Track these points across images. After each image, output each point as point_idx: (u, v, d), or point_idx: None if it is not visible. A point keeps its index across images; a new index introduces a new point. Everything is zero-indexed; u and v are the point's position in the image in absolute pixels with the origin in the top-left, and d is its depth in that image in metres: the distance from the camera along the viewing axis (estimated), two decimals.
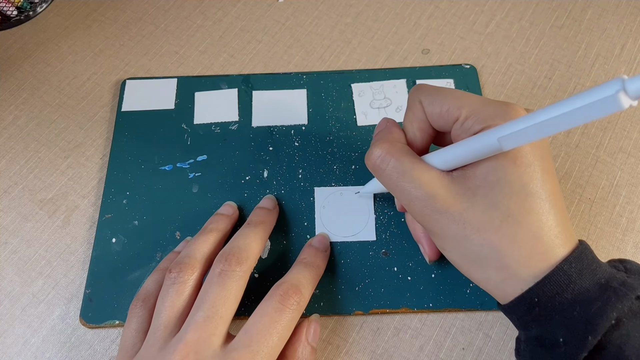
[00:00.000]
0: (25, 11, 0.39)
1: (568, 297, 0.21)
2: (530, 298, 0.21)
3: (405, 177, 0.23)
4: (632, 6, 0.41)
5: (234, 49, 0.41)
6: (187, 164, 0.35)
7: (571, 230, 0.23)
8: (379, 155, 0.24)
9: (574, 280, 0.21)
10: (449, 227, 0.22)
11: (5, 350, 0.30)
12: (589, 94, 0.16)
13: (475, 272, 0.23)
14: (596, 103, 0.16)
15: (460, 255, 0.23)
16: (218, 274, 0.25)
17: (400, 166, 0.23)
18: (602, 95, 0.16)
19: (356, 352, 0.29)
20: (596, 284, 0.21)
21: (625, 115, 0.36)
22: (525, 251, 0.21)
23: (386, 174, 0.24)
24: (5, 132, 0.37)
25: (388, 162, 0.24)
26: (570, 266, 0.21)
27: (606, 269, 0.22)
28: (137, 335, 0.25)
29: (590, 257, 0.22)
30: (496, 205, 0.22)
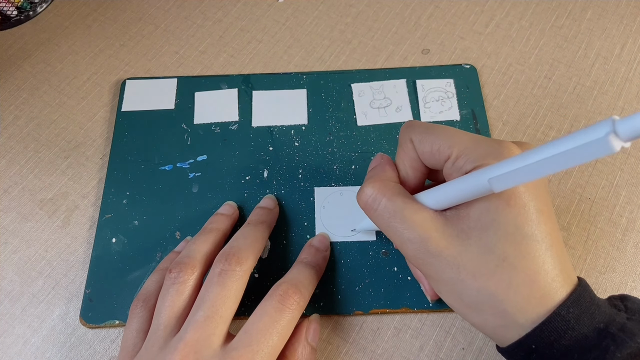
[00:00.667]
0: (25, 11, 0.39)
1: (566, 344, 0.20)
2: (527, 344, 0.21)
3: (397, 218, 0.23)
4: (632, 6, 0.41)
5: (234, 49, 0.41)
6: (187, 164, 0.35)
7: (569, 269, 0.22)
8: (370, 195, 0.24)
9: (571, 326, 0.20)
10: (444, 271, 0.22)
11: (5, 350, 0.30)
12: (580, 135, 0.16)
13: (472, 316, 0.23)
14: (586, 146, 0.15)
15: (456, 299, 0.23)
16: (218, 273, 0.25)
17: (392, 206, 0.23)
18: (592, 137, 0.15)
19: (356, 352, 0.29)
20: (594, 329, 0.20)
21: (625, 115, 0.36)
22: (522, 297, 0.21)
23: (378, 213, 0.24)
24: (5, 132, 0.37)
25: (379, 201, 0.23)
26: (568, 311, 0.20)
27: (605, 311, 0.21)
28: (137, 335, 0.25)
29: (588, 299, 0.21)
30: (491, 249, 0.21)
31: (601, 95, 0.37)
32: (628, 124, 0.14)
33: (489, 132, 0.35)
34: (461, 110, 0.36)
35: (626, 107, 0.36)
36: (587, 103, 0.37)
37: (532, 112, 0.36)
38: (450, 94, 0.37)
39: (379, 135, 0.35)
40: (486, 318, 0.22)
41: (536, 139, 0.35)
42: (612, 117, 0.15)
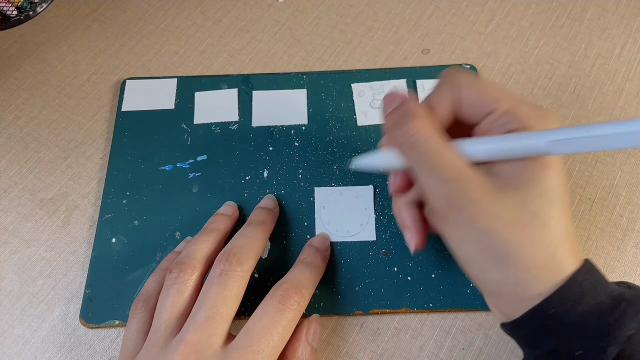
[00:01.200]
0: (25, 11, 0.39)
1: (583, 309, 0.20)
2: (545, 310, 0.21)
3: (440, 157, 0.22)
4: (632, 6, 0.41)
5: (234, 49, 0.41)
6: (187, 164, 0.35)
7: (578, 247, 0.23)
8: (414, 131, 0.23)
9: (588, 292, 0.21)
10: (479, 219, 0.22)
11: (5, 350, 0.30)
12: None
13: (492, 271, 0.22)
14: None
15: (480, 250, 0.22)
16: (219, 273, 0.25)
17: (437, 145, 0.22)
18: None
19: (356, 352, 0.29)
20: (609, 296, 0.21)
21: (625, 115, 0.36)
22: (547, 255, 0.21)
23: (422, 149, 0.23)
24: (5, 132, 0.37)
25: (426, 137, 0.23)
26: (584, 277, 0.21)
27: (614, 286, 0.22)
28: (138, 335, 0.25)
29: (598, 272, 0.22)
30: (526, 203, 0.21)
31: (601, 95, 0.37)
32: None
33: None
34: None
35: (626, 107, 0.36)
36: (587, 103, 0.37)
37: None
38: None
39: (379, 135, 0.35)
40: (508, 274, 0.22)
41: None
42: None
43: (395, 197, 0.28)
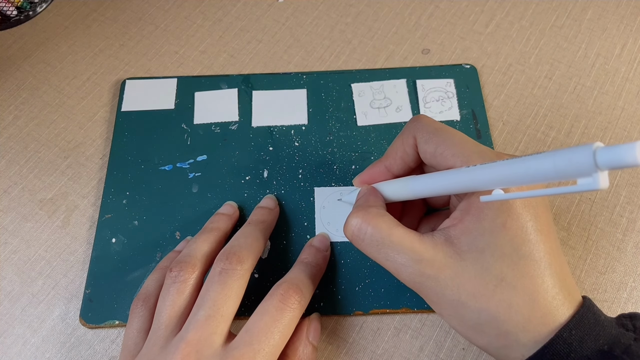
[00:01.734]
0: (25, 11, 0.39)
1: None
2: None
3: (386, 244, 0.23)
4: (632, 6, 0.41)
5: (234, 49, 0.41)
6: (187, 164, 0.35)
7: (572, 287, 0.22)
8: (355, 225, 0.24)
9: (574, 349, 0.20)
10: (443, 293, 0.22)
11: (5, 350, 0.30)
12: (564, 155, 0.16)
13: (475, 338, 0.22)
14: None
15: (459, 322, 0.22)
16: (219, 272, 0.25)
17: (378, 233, 0.23)
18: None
19: (356, 352, 0.29)
20: (598, 351, 0.20)
21: (625, 115, 0.36)
22: (523, 317, 0.21)
23: (366, 243, 0.24)
24: (5, 132, 0.37)
25: (365, 231, 0.23)
26: (571, 334, 0.20)
27: (611, 332, 0.21)
28: (138, 334, 0.25)
29: (592, 319, 0.21)
30: (488, 270, 0.21)
31: (601, 95, 0.37)
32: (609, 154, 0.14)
33: (489, 132, 0.35)
34: (461, 110, 0.36)
35: (626, 107, 0.36)
36: (587, 103, 0.37)
37: (532, 112, 0.36)
38: (450, 94, 0.37)
39: (379, 135, 0.35)
40: (489, 340, 0.22)
41: (536, 139, 0.35)
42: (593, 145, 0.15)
43: None
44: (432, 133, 0.24)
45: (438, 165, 0.24)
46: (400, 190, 0.25)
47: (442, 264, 0.22)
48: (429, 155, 0.24)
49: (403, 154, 0.26)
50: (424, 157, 0.25)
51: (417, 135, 0.25)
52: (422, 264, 0.22)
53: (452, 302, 0.22)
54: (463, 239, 0.22)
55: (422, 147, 0.25)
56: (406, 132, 0.26)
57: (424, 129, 0.25)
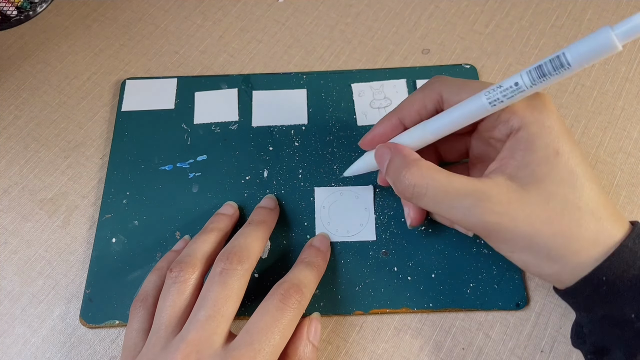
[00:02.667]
0: (25, 11, 0.39)
1: (635, 274, 0.21)
2: (597, 277, 0.21)
3: (449, 193, 0.23)
4: (632, 6, 0.41)
5: (234, 49, 0.41)
6: (187, 164, 0.35)
7: (618, 211, 0.23)
8: (413, 183, 0.23)
9: (639, 256, 0.21)
10: (516, 227, 0.22)
11: (5, 350, 0.30)
12: None
13: (547, 266, 0.23)
14: None
15: (533, 253, 0.23)
16: (219, 272, 0.25)
17: (439, 184, 0.23)
18: None
19: (356, 352, 0.29)
20: None
21: (625, 115, 0.36)
22: (592, 232, 0.22)
23: (428, 197, 0.23)
24: (5, 132, 0.37)
25: (425, 185, 0.23)
26: (635, 242, 0.21)
27: None
28: (138, 335, 0.25)
29: None
30: (553, 195, 0.22)
31: (601, 95, 0.37)
32: None
33: None
34: None
35: (626, 107, 0.36)
36: (587, 103, 0.37)
37: None
38: None
39: None
40: (563, 264, 0.22)
41: None
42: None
43: None
44: (462, 85, 0.24)
45: None
46: (418, 136, 0.25)
47: (509, 199, 0.22)
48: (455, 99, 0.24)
49: (421, 108, 0.26)
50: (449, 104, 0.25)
51: (445, 90, 0.25)
52: (491, 202, 0.22)
53: (526, 233, 0.22)
54: (520, 173, 0.22)
55: (452, 99, 0.24)
56: (428, 88, 0.26)
57: (452, 83, 0.25)
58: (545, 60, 0.20)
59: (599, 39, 0.18)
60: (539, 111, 0.23)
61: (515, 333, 0.29)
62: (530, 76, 0.20)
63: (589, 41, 0.18)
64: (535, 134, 0.22)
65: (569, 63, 0.19)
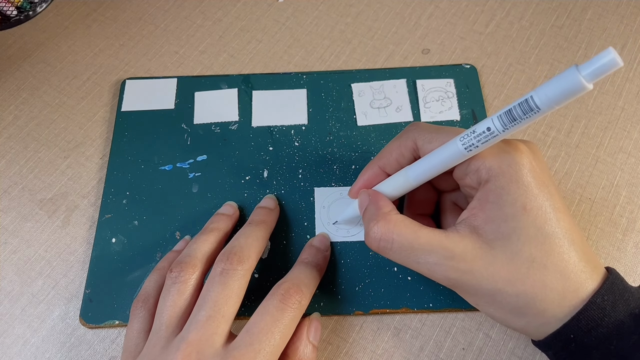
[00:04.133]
0: (25, 11, 0.39)
1: (603, 331, 0.21)
2: (565, 334, 0.21)
3: (414, 249, 0.23)
4: (632, 6, 0.41)
5: (234, 49, 0.41)
6: (187, 164, 0.35)
7: (595, 260, 0.22)
8: (378, 236, 0.24)
9: (608, 313, 0.21)
10: (480, 285, 0.22)
11: (5, 350, 0.30)
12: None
13: (514, 321, 0.23)
14: None
15: (497, 308, 0.23)
16: (220, 272, 0.25)
17: (404, 239, 0.23)
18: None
19: (356, 352, 0.29)
20: (630, 315, 0.21)
21: (625, 115, 0.36)
22: (558, 292, 0.21)
23: (393, 252, 0.24)
24: (5, 132, 0.37)
25: (391, 239, 0.23)
26: (603, 299, 0.21)
27: (639, 297, 0.22)
28: (139, 335, 0.25)
29: (621, 286, 0.22)
30: (518, 254, 0.21)
31: (601, 95, 0.37)
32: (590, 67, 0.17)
33: None
34: (461, 110, 0.36)
35: (626, 107, 0.36)
36: (587, 103, 0.37)
37: None
38: (450, 93, 0.37)
39: (379, 135, 0.35)
40: (528, 320, 0.22)
41: (536, 139, 0.35)
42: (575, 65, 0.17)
43: None
44: (435, 132, 0.25)
45: None
46: (401, 182, 0.25)
47: (473, 256, 0.22)
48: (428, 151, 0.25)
49: (399, 156, 0.26)
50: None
51: (419, 138, 0.25)
52: (454, 260, 0.22)
53: (489, 291, 0.22)
54: (487, 228, 0.22)
55: (426, 147, 0.25)
56: (404, 136, 0.26)
57: (425, 130, 0.25)
58: (514, 104, 0.19)
59: (566, 80, 0.17)
60: (507, 163, 0.22)
61: (515, 333, 0.29)
62: (501, 121, 0.20)
63: (557, 83, 0.18)
64: (502, 187, 0.22)
65: (537, 107, 0.19)
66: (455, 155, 0.22)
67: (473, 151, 0.22)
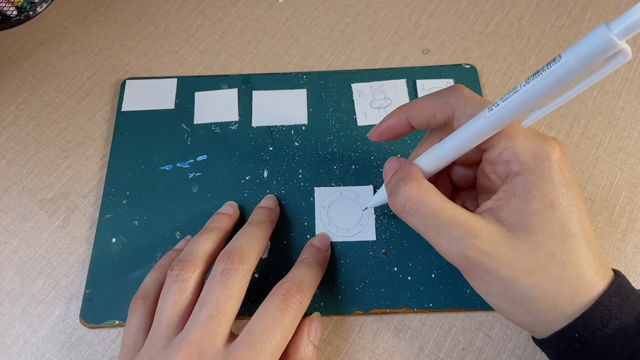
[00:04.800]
0: (25, 11, 0.39)
1: (609, 333, 0.21)
2: (570, 333, 0.21)
3: (439, 218, 0.22)
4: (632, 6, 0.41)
5: (234, 49, 0.41)
6: (187, 164, 0.35)
7: (606, 263, 0.23)
8: (407, 197, 0.23)
9: (614, 315, 0.21)
10: (497, 270, 0.22)
11: (5, 350, 0.30)
12: None
13: (521, 315, 0.23)
14: None
15: (508, 299, 0.23)
16: (220, 272, 0.25)
17: (433, 205, 0.23)
18: None
19: (356, 352, 0.29)
20: (636, 317, 0.21)
21: (625, 115, 0.36)
22: (571, 290, 0.21)
23: (418, 215, 0.23)
24: (5, 132, 0.37)
25: (419, 203, 0.23)
26: (610, 300, 0.21)
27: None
28: (138, 333, 0.25)
29: (628, 288, 0.22)
30: (540, 248, 0.21)
31: (601, 95, 0.37)
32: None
33: None
34: None
35: (626, 107, 0.36)
36: (587, 103, 0.37)
37: None
38: None
39: None
40: (537, 316, 0.22)
41: None
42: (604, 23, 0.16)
43: None
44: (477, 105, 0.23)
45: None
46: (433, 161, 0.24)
47: (496, 241, 0.22)
48: None
49: (430, 117, 0.25)
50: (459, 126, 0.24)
51: (458, 109, 0.24)
52: (478, 239, 0.22)
53: (505, 279, 0.22)
54: (513, 220, 0.22)
55: (463, 119, 0.24)
56: (443, 99, 0.25)
57: (467, 102, 0.24)
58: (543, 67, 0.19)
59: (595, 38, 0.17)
60: (540, 160, 0.22)
61: (515, 333, 0.29)
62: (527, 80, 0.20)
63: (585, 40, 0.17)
64: (533, 182, 0.22)
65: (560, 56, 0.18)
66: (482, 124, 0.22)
67: (494, 110, 0.21)
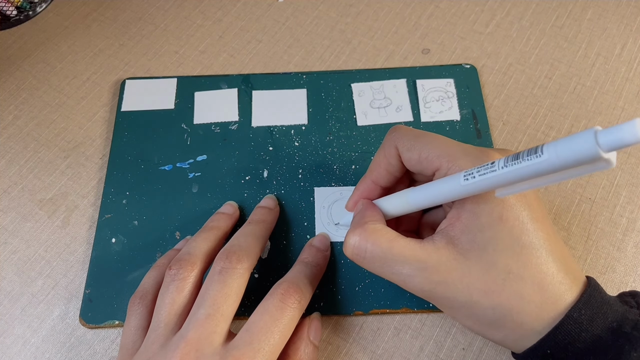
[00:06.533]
0: (25, 11, 0.39)
1: (580, 347, 0.20)
2: (542, 349, 0.21)
3: (388, 259, 0.23)
4: (632, 6, 0.41)
5: (234, 49, 0.41)
6: (187, 164, 0.35)
7: (575, 270, 0.22)
8: (353, 244, 0.23)
9: (585, 328, 0.20)
10: (455, 297, 0.22)
11: (5, 350, 0.30)
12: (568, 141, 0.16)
13: (492, 334, 0.23)
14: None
15: (475, 321, 0.23)
16: (219, 271, 0.25)
17: (379, 249, 0.23)
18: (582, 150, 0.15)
19: (356, 352, 0.29)
20: (608, 329, 0.20)
21: (625, 115, 0.36)
22: (535, 305, 0.21)
23: (367, 261, 0.23)
24: (5, 132, 0.37)
25: (365, 248, 0.23)
26: (580, 313, 0.20)
27: (617, 309, 0.21)
28: (136, 332, 0.25)
29: (599, 298, 0.21)
30: (494, 265, 0.21)
31: (601, 95, 0.37)
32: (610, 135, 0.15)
33: (489, 132, 0.35)
34: (461, 110, 0.36)
35: (626, 107, 0.36)
36: (587, 103, 0.37)
37: (532, 112, 0.36)
38: (450, 93, 0.37)
39: (379, 135, 0.35)
40: (506, 333, 0.22)
41: (536, 139, 0.35)
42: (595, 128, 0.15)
43: None
44: (414, 140, 0.24)
45: (425, 170, 0.24)
46: (400, 204, 0.25)
47: (448, 268, 0.22)
48: (414, 162, 0.24)
49: (387, 166, 0.26)
50: (408, 165, 0.25)
51: (399, 145, 0.25)
52: (428, 271, 0.22)
53: (465, 303, 0.22)
54: (463, 238, 0.22)
55: (405, 155, 0.25)
56: (386, 143, 0.26)
57: (404, 137, 0.25)
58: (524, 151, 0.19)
59: (580, 140, 0.16)
60: None
61: None
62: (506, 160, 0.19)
63: (569, 140, 0.16)
64: (481, 197, 0.22)
65: (542, 152, 0.17)
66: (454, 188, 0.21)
67: (469, 181, 0.20)
